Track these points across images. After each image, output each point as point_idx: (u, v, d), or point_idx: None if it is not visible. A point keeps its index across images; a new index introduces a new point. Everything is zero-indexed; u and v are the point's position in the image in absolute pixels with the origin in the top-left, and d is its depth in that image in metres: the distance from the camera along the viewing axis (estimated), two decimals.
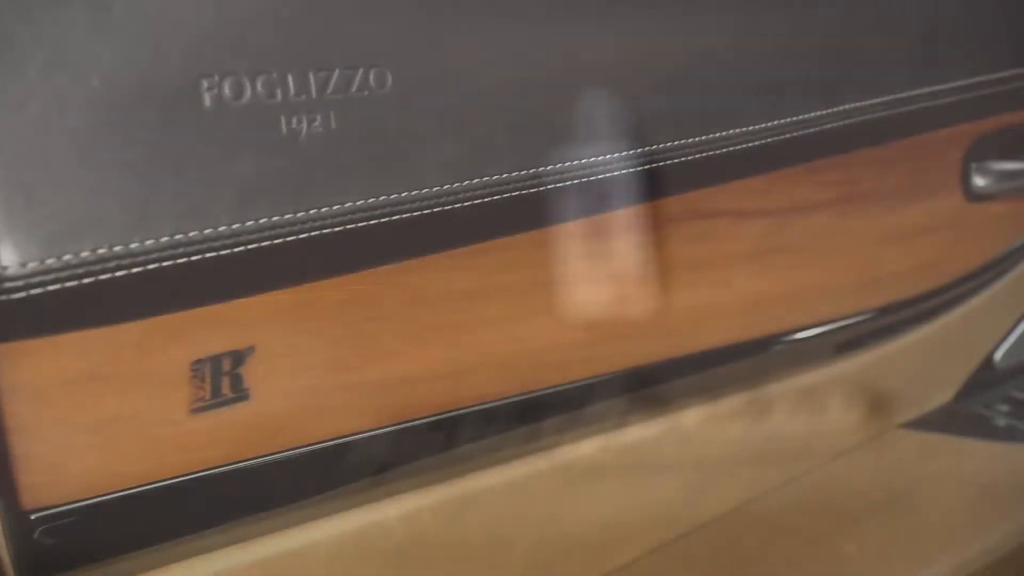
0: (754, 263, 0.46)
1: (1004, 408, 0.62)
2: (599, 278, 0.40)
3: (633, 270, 0.41)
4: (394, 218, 0.31)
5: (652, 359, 0.43)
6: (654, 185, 0.39)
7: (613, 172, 0.36)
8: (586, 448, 0.43)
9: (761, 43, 0.41)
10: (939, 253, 0.57)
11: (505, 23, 0.33)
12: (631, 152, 0.36)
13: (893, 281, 0.55)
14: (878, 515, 0.50)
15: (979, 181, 0.57)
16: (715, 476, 0.49)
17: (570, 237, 0.38)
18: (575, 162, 0.35)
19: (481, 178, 0.32)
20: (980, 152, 0.56)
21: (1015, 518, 0.50)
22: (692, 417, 0.47)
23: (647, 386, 0.44)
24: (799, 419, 0.53)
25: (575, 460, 0.42)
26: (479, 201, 0.33)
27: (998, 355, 0.64)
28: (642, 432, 0.45)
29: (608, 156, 0.36)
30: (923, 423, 0.59)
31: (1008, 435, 0.59)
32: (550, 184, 0.34)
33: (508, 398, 0.38)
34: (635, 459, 0.45)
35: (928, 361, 0.60)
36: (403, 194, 0.31)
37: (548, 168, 0.34)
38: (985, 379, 0.64)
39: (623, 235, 0.40)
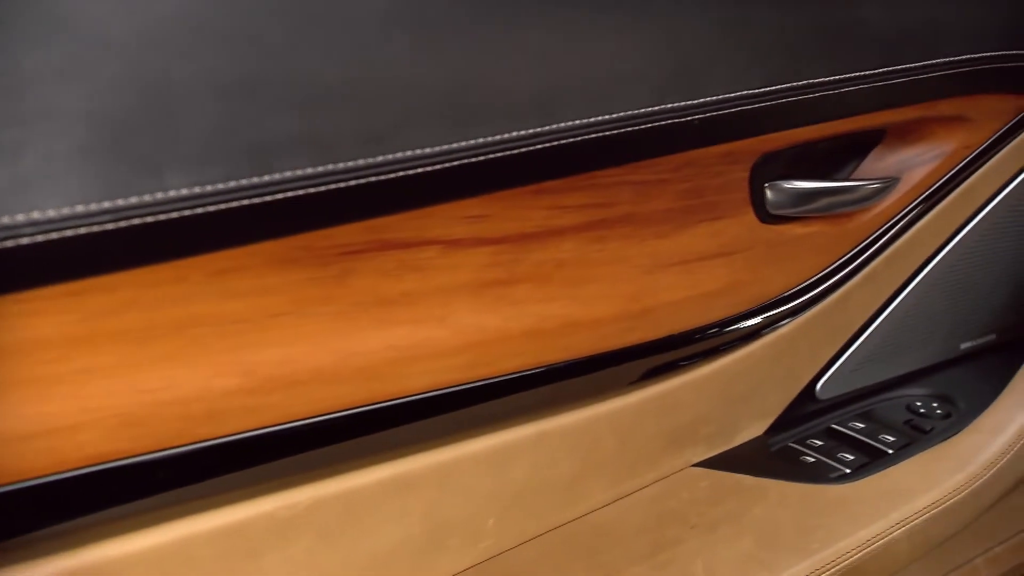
0: (478, 297, 0.42)
1: (818, 443, 0.58)
2: (249, 317, 0.35)
3: (295, 307, 0.36)
4: None
5: (343, 406, 0.39)
6: (306, 214, 0.35)
7: (231, 203, 0.32)
8: (264, 505, 0.38)
9: (451, 60, 0.37)
10: (732, 279, 0.52)
11: (78, 25, 0.29)
12: (256, 180, 0.32)
13: (674, 311, 0.50)
14: (635, 569, 0.46)
15: (773, 201, 0.53)
16: (454, 528, 0.45)
17: (203, 273, 0.34)
18: (175, 192, 0.31)
19: (28, 213, 0.28)
20: (771, 171, 0.52)
21: (785, 571, 0.46)
22: (419, 463, 0.43)
23: (346, 438, 0.40)
24: (566, 461, 0.49)
25: (251, 519, 0.38)
26: (30, 241, 0.28)
27: (819, 387, 0.60)
28: (346, 484, 0.41)
29: (221, 185, 0.32)
30: (721, 461, 0.55)
31: (811, 474, 0.54)
32: (137, 218, 0.30)
33: (136, 457, 0.34)
34: (339, 514, 0.41)
35: (732, 393, 0.56)
36: None
37: (137, 201, 0.30)
38: (805, 412, 0.60)
39: (278, 269, 0.35)
